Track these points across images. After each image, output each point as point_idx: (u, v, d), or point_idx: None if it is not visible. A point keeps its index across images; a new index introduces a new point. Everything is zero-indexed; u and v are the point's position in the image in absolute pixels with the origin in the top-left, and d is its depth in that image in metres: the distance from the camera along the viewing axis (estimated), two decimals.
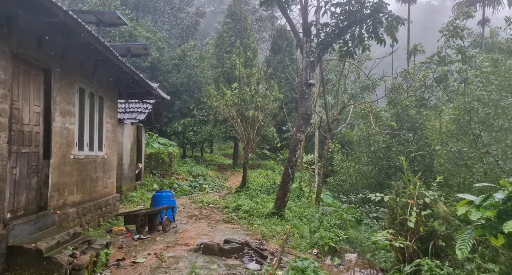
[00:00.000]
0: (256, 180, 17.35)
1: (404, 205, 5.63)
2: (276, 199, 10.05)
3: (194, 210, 11.17)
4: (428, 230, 5.15)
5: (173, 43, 25.44)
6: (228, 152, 37.95)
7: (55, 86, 5.76)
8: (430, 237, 5.17)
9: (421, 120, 11.56)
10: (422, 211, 5.30)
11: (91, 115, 7.39)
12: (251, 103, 15.08)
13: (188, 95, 23.92)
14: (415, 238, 5.18)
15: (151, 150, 18.19)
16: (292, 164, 9.87)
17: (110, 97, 8.39)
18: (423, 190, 5.59)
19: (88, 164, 7.18)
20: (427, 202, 5.43)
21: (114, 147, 8.78)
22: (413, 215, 5.13)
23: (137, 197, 12.76)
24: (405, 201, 5.64)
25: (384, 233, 5.28)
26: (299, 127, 9.86)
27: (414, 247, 5.11)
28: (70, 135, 6.36)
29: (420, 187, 5.56)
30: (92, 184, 7.37)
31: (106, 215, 8.03)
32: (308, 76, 9.91)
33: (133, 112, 12.73)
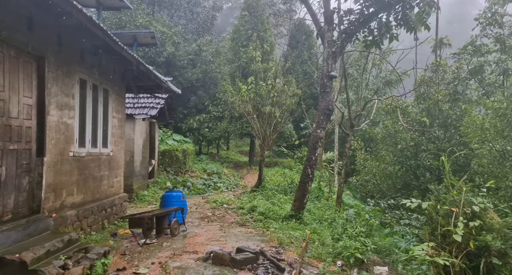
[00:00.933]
0: (273, 178, 16.63)
1: (446, 213, 4.78)
2: (294, 200, 9.31)
3: (207, 211, 10.56)
4: (478, 245, 4.29)
5: (189, 38, 24.94)
6: (244, 149, 37.38)
7: (50, 76, 5.20)
8: (481, 253, 4.31)
9: (454, 116, 10.50)
10: (470, 222, 4.44)
11: (95, 109, 6.83)
12: (267, 99, 14.35)
13: (204, 91, 23.39)
14: (462, 253, 4.34)
15: (165, 147, 17.75)
16: (311, 163, 9.08)
17: (117, 91, 7.83)
18: (470, 196, 4.72)
19: (91, 161, 6.64)
20: (475, 211, 4.56)
21: (121, 144, 8.25)
22: (460, 226, 4.28)
23: (149, 196, 12.28)
24: (447, 209, 4.79)
25: (424, 247, 4.46)
26: (319, 124, 9.06)
27: (462, 265, 4.27)
28: (69, 131, 5.81)
29: (466, 192, 4.69)
30: (95, 184, 6.83)
31: (112, 217, 7.50)
32: (329, 68, 9.08)
33: (145, 108, 12.23)
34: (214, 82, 23.65)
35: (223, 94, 20.21)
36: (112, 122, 7.64)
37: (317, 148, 9.09)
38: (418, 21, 9.33)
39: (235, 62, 22.06)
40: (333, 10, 9.47)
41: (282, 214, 9.41)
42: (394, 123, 11.60)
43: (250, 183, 17.93)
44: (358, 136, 18.32)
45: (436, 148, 10.42)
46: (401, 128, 11.23)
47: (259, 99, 13.87)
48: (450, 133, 10.67)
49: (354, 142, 13.73)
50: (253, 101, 13.94)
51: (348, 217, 7.48)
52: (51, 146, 5.27)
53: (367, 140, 18.61)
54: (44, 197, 5.11)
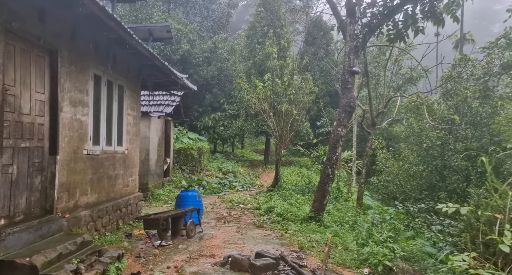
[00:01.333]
0: (289, 178, 16.26)
1: (489, 220, 4.34)
2: (314, 201, 8.93)
3: (223, 211, 10.29)
4: None
5: (204, 36, 24.77)
6: (259, 148, 37.07)
7: (63, 71, 4.99)
8: None
9: (484, 114, 9.87)
10: None
11: (109, 106, 6.63)
12: (284, 97, 13.97)
13: (219, 89, 23.17)
14: (509, 266, 3.90)
15: (180, 145, 17.61)
16: (332, 162, 8.68)
17: (132, 87, 7.63)
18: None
19: (106, 160, 6.44)
20: None
21: (136, 142, 8.05)
22: (507, 235, 3.84)
23: (164, 195, 12.11)
24: (490, 215, 4.34)
25: (465, 257, 4.03)
26: (340, 121, 8.64)
27: None
28: (83, 128, 5.61)
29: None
30: (110, 183, 6.64)
31: (127, 217, 7.30)
32: (351, 63, 8.64)
33: (160, 105, 12.05)
34: (229, 80, 23.40)
35: (238, 92, 19.93)
36: (127, 119, 7.44)
37: (337, 147, 8.69)
38: (446, 12, 8.79)
39: (251, 60, 21.73)
40: (355, 2, 9.03)
41: (300, 216, 9.07)
42: (418, 121, 11.03)
43: (266, 182, 17.61)
44: (378, 135, 17.72)
45: (464, 147, 9.83)
46: (427, 126, 10.66)
47: (276, 97, 13.51)
48: (480, 131, 10.05)
49: (375, 141, 13.22)
50: (269, 99, 13.59)
51: (373, 221, 7.05)
52: (64, 144, 5.07)
53: (387, 139, 17.97)
54: (57, 196, 4.92)
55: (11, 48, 4.08)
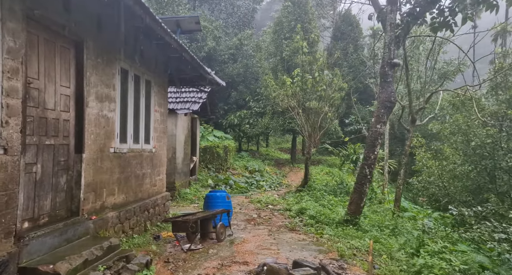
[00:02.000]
0: (318, 177, 15.64)
1: None
2: (350, 203, 8.34)
3: (252, 212, 9.87)
4: None
5: (230, 32, 24.47)
6: (284, 146, 36.47)
7: (89, 64, 4.70)
8: None
9: None
10: None
11: (136, 102, 6.34)
12: (313, 93, 13.37)
13: (245, 86, 22.80)
14: None
15: (206, 143, 17.36)
16: (370, 162, 8.05)
17: (159, 82, 7.32)
18: None
19: (133, 158, 6.15)
20: None
21: (163, 139, 7.75)
22: None
23: (191, 194, 11.84)
24: None
25: None
26: (379, 118, 7.99)
27: None
28: (110, 125, 5.32)
29: None
30: (137, 182, 6.35)
31: (154, 218, 7.01)
32: (391, 55, 7.96)
33: (187, 102, 11.78)
34: (255, 77, 22.97)
35: (265, 89, 19.47)
36: (154, 116, 7.14)
37: (376, 145, 8.05)
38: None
39: (277, 56, 21.19)
40: None
41: (335, 218, 8.50)
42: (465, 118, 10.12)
43: (294, 181, 17.07)
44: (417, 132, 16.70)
45: None
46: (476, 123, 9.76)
47: (304, 94, 12.93)
48: None
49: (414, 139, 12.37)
50: (298, 96, 13.03)
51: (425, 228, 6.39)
52: (90, 141, 4.78)
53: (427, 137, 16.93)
54: (83, 197, 4.63)
55: (34, 38, 3.80)
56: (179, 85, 8.71)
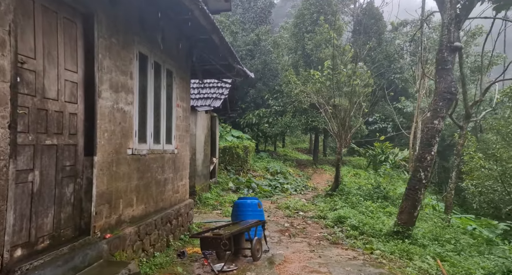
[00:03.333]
0: (347, 180, 14.47)
1: None
2: (400, 212, 7.21)
3: (282, 220, 8.83)
4: None
5: (247, 28, 23.48)
6: (300, 146, 35.31)
7: (101, 43, 3.74)
8: None
9: None
10: None
11: (157, 94, 5.38)
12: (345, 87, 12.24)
13: (263, 84, 21.77)
14: None
15: (225, 143, 16.40)
16: (425, 164, 6.91)
17: (181, 73, 6.35)
18: None
19: (153, 161, 5.19)
20: None
21: (186, 139, 6.79)
22: None
23: (212, 199, 10.87)
24: None
25: None
26: (436, 112, 6.84)
27: None
28: (127, 121, 4.35)
29: None
30: (158, 189, 5.38)
31: (177, 230, 6.03)
32: (451, 37, 6.81)
33: (207, 99, 10.82)
34: (273, 74, 21.92)
35: (285, 85, 18.39)
36: (176, 112, 6.17)
37: (433, 144, 6.89)
38: None
39: (298, 50, 20.09)
40: None
41: (382, 229, 7.38)
42: None
43: (319, 184, 15.95)
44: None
45: None
46: None
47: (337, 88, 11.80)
48: None
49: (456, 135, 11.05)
50: (329, 90, 11.93)
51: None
52: (103, 141, 3.82)
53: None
54: (95, 211, 3.67)
55: (28, 3, 2.84)
56: (201, 77, 7.73)
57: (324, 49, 17.50)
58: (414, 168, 7.07)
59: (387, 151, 18.05)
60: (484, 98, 9.00)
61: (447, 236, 6.81)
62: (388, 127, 22.87)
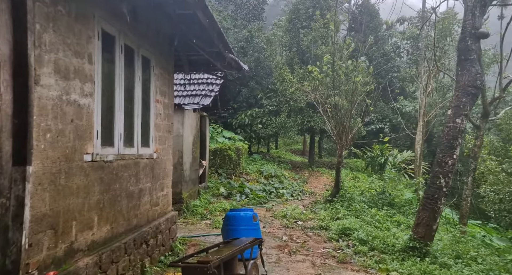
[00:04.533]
0: (346, 184, 13.54)
1: None
2: (416, 224, 6.30)
3: (280, 232, 7.84)
4: None
5: (239, 24, 22.45)
6: (294, 147, 34.42)
7: (39, 10, 2.71)
8: None
9: None
10: None
11: (129, 86, 4.35)
12: (345, 84, 11.35)
13: (256, 83, 20.77)
14: None
15: (216, 145, 15.37)
16: (446, 169, 6.00)
17: (162, 63, 5.33)
18: None
19: (124, 169, 4.15)
20: None
21: (168, 141, 5.75)
22: None
23: (201, 207, 9.83)
24: None
25: None
26: (459, 109, 5.95)
27: None
28: (84, 118, 3.32)
29: None
30: (131, 203, 4.34)
31: (156, 251, 4.99)
32: (476, 23, 5.92)
33: (196, 96, 9.80)
34: (267, 72, 20.94)
35: (280, 83, 17.44)
36: (155, 109, 5.14)
37: (455, 147, 5.98)
38: None
39: (293, 47, 19.16)
40: None
41: (395, 244, 6.44)
42: None
43: (317, 188, 15.01)
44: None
45: None
46: None
47: (337, 85, 10.88)
48: None
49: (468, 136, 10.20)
50: (327, 88, 11.02)
51: None
52: (44, 144, 2.79)
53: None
54: (30, 242, 2.63)
55: None
56: (188, 70, 6.72)
57: (320, 46, 16.60)
58: (433, 174, 6.16)
59: (387, 153, 17.22)
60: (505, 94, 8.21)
61: (472, 252, 5.90)
62: (385, 128, 22.10)
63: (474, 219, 12.84)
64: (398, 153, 18.13)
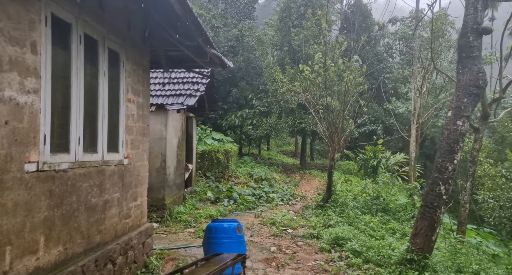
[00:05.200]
0: (339, 188, 13.08)
1: None
2: (414, 234, 5.82)
3: (268, 241, 7.32)
4: None
5: (229, 23, 21.93)
6: (286, 149, 34.02)
7: None
8: None
9: None
10: None
11: (92, 83, 3.78)
12: (336, 86, 10.91)
13: (246, 83, 20.28)
14: None
15: (204, 147, 14.80)
16: (446, 176, 5.54)
17: (135, 57, 4.77)
18: None
19: (83, 179, 3.58)
20: None
21: (144, 145, 5.18)
22: None
23: (186, 213, 9.26)
24: None
25: None
26: (460, 110, 5.50)
27: None
28: (25, 120, 2.75)
29: None
30: (93, 218, 3.77)
31: (126, 271, 4.42)
32: (478, 17, 5.48)
33: (180, 96, 9.23)
34: (258, 72, 20.47)
35: (271, 84, 16.95)
36: (127, 109, 4.58)
37: (456, 151, 5.53)
38: None
39: (284, 47, 18.69)
40: None
41: (391, 256, 5.97)
42: None
43: (308, 192, 14.53)
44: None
45: None
46: None
47: (328, 85, 10.42)
48: None
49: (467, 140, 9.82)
50: (319, 88, 10.55)
51: None
52: None
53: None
54: None
55: None
56: (167, 66, 6.15)
57: (312, 45, 16.15)
58: (432, 180, 5.69)
59: (379, 155, 16.84)
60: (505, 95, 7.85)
61: (475, 266, 5.44)
62: (378, 130, 21.76)
63: (468, 223, 12.52)
64: (391, 155, 17.76)
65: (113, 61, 4.25)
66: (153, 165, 8.97)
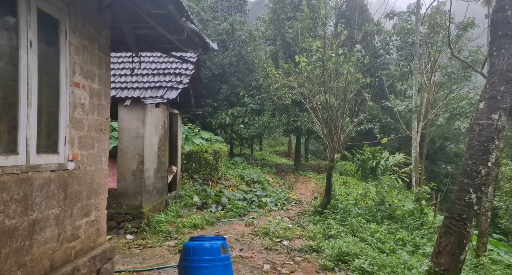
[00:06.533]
0: (339, 190, 12.06)
1: None
2: (437, 252, 4.81)
3: (260, 257, 6.24)
4: None
5: (219, 16, 20.84)
6: (279, 149, 33.02)
7: None
8: None
9: None
10: None
11: (11, 54, 2.66)
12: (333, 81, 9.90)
13: (237, 79, 19.20)
14: None
15: (191, 147, 13.69)
16: (478, 181, 4.54)
17: (87, 29, 3.65)
18: None
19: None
20: None
21: (100, 144, 4.06)
22: None
23: (167, 222, 8.16)
24: None
25: None
26: (495, 101, 4.50)
27: None
28: None
29: None
30: (8, 248, 2.65)
31: None
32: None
33: (159, 88, 8.09)
34: (249, 68, 19.41)
35: (263, 79, 15.90)
36: (73, 96, 3.46)
37: (490, 151, 4.53)
38: None
39: (278, 40, 17.65)
40: None
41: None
42: None
43: (304, 195, 13.50)
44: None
45: None
46: None
47: (327, 80, 9.39)
48: None
49: None
50: (318, 80, 9.52)
51: None
52: None
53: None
54: None
55: None
56: (136, 48, 5.04)
57: (307, 38, 15.15)
58: (459, 187, 4.68)
59: (378, 156, 15.89)
60: None
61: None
62: (375, 129, 20.86)
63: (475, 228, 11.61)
64: (390, 155, 16.84)
65: (48, 30, 3.14)
66: (128, 168, 7.85)
